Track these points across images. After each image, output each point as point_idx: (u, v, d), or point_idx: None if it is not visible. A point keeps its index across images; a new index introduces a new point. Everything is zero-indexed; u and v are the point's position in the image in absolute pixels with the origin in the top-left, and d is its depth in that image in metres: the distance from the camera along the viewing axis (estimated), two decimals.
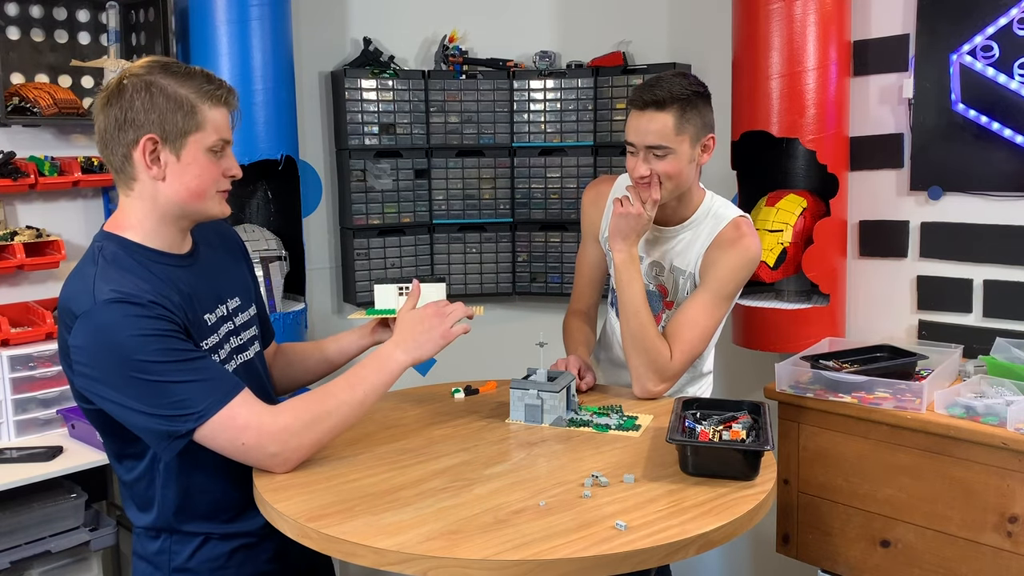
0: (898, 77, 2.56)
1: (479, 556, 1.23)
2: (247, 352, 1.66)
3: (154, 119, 1.44)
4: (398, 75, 3.02)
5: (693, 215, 2.03)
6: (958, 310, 2.49)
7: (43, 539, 2.25)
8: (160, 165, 1.46)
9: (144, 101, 1.44)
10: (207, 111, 1.47)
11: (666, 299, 2.09)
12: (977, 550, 2.05)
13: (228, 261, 1.70)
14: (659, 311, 2.09)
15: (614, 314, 2.16)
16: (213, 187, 1.51)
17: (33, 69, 2.50)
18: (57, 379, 2.39)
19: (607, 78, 3.03)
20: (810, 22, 2.45)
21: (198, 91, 1.47)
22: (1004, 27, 2.33)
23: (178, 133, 1.45)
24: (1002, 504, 2.00)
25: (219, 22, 2.55)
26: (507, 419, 1.81)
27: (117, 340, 1.38)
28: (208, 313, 1.56)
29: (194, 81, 1.47)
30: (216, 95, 1.48)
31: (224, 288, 1.64)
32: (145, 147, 1.45)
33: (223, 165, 1.51)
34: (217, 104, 1.48)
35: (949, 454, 2.07)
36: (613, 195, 2.12)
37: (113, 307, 1.38)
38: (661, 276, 2.08)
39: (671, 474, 1.52)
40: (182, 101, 1.45)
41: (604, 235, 2.12)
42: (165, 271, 1.50)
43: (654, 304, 2.06)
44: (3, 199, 2.46)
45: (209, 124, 1.47)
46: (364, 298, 3.06)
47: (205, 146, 1.48)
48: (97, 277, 1.43)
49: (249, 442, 1.44)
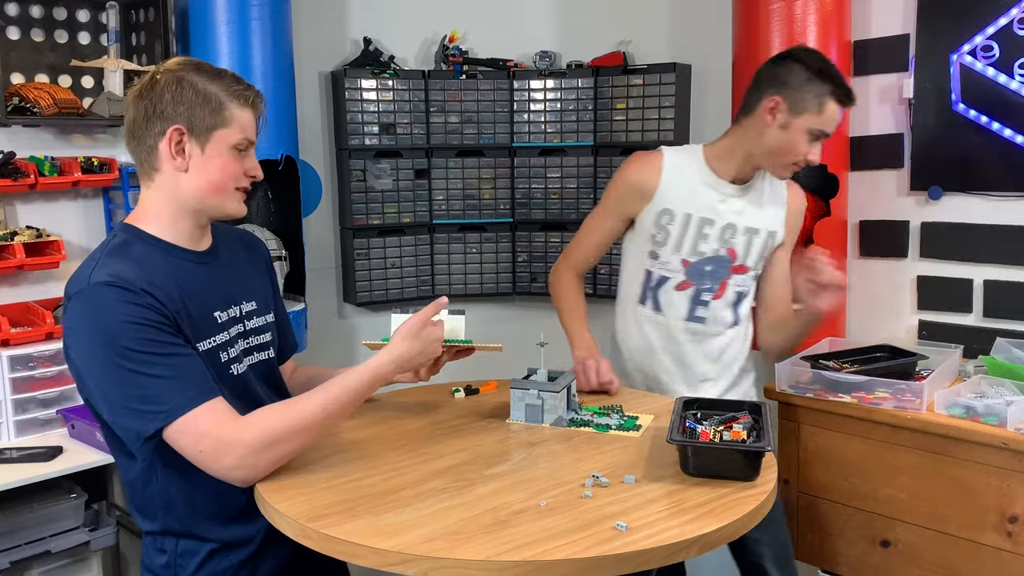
0: (898, 77, 2.56)
1: (480, 557, 1.23)
2: (258, 355, 1.66)
3: (182, 111, 1.48)
4: (398, 75, 3.02)
5: (756, 174, 2.07)
6: (958, 310, 2.49)
7: (43, 539, 2.25)
8: (184, 156, 1.50)
9: (174, 94, 1.48)
10: (234, 109, 1.51)
11: (734, 263, 2.07)
12: (977, 550, 2.05)
13: (248, 267, 1.70)
14: (724, 277, 2.07)
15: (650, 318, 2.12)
16: (233, 183, 1.54)
17: (33, 69, 2.50)
18: (57, 379, 2.39)
19: (607, 78, 3.03)
20: (810, 22, 2.45)
21: (227, 90, 1.51)
22: (1004, 27, 2.33)
23: (205, 127, 1.49)
24: (1002, 504, 2.00)
25: (219, 22, 2.55)
26: (507, 419, 1.81)
27: (103, 322, 1.39)
28: (219, 311, 1.56)
29: (224, 80, 1.52)
30: (244, 95, 1.53)
31: (240, 290, 1.64)
32: (171, 137, 1.48)
33: (246, 164, 1.55)
34: (244, 105, 1.52)
35: (949, 454, 2.07)
36: (668, 169, 2.05)
37: (105, 289, 1.40)
38: (733, 239, 2.05)
39: (672, 474, 1.52)
40: (211, 97, 1.49)
41: (657, 210, 2.05)
42: (175, 264, 1.51)
43: (720, 271, 2.06)
44: (3, 199, 2.46)
45: (235, 122, 1.51)
46: (363, 298, 3.06)
47: (230, 143, 1.51)
48: (100, 262, 1.46)
49: (207, 450, 1.41)
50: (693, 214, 2.04)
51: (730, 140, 2.05)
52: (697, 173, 2.05)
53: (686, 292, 2.08)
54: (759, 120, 1.96)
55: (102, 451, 2.23)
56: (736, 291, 2.09)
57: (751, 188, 2.07)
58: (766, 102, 1.95)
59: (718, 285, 2.07)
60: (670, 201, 2.04)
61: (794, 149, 1.95)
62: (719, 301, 2.08)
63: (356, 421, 1.77)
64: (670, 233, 2.05)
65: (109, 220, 2.65)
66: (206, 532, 1.55)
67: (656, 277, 2.09)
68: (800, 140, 1.94)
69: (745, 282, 2.10)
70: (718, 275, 2.06)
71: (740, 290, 2.09)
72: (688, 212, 2.04)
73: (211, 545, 1.55)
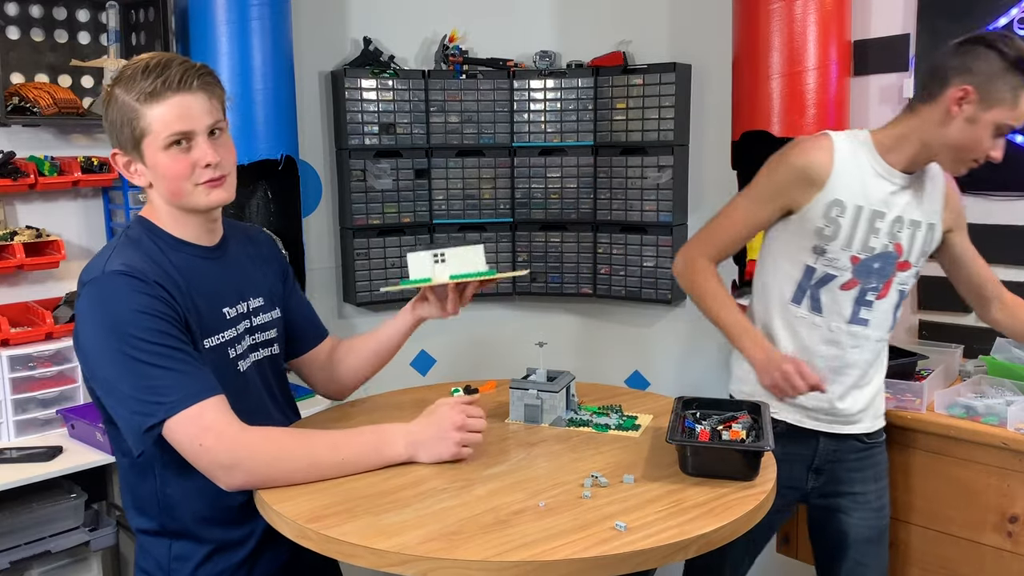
0: (898, 77, 2.56)
1: (479, 557, 1.23)
2: (263, 352, 1.67)
3: (115, 135, 1.47)
4: (398, 75, 3.01)
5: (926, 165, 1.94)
6: (958, 310, 2.49)
7: (43, 539, 2.24)
8: (139, 174, 1.49)
9: (109, 115, 1.47)
10: (148, 111, 1.43)
11: (900, 259, 1.93)
12: (977, 550, 2.05)
13: (256, 263, 1.70)
14: (890, 275, 1.93)
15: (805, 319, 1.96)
16: (187, 181, 1.47)
17: (33, 69, 2.50)
18: (57, 379, 2.39)
19: (607, 78, 3.03)
20: (810, 22, 2.45)
21: (139, 94, 1.43)
22: (1004, 27, 2.33)
23: (133, 143, 1.46)
24: (1002, 504, 2.00)
25: (219, 22, 2.55)
26: (507, 419, 1.81)
27: (115, 310, 1.40)
28: (228, 307, 1.58)
29: (137, 83, 1.43)
30: (151, 92, 1.42)
31: (247, 286, 1.64)
32: (118, 162, 1.50)
33: (192, 157, 1.46)
34: (155, 101, 1.42)
35: (949, 454, 2.07)
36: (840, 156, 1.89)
37: (118, 278, 1.41)
38: (900, 233, 1.91)
39: (671, 474, 1.52)
40: (127, 110, 1.44)
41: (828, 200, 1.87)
42: (185, 259, 1.53)
43: (887, 268, 1.92)
44: (3, 199, 2.46)
45: (155, 123, 1.43)
46: (363, 298, 3.06)
47: (158, 147, 1.45)
48: (114, 252, 1.47)
49: (207, 444, 1.40)
50: (864, 206, 1.88)
51: (903, 128, 1.88)
52: (868, 162, 1.90)
53: (851, 292, 1.93)
54: (941, 109, 1.80)
55: (102, 451, 2.23)
56: (899, 289, 1.96)
57: (915, 179, 1.93)
58: (953, 91, 1.78)
59: (883, 284, 1.93)
60: (841, 191, 1.88)
61: (979, 144, 1.80)
62: (883, 301, 1.95)
63: (356, 421, 1.77)
64: (841, 226, 1.88)
65: (109, 220, 2.65)
66: (203, 533, 1.54)
67: (819, 275, 1.93)
68: (986, 135, 1.79)
69: (907, 280, 1.97)
70: (885, 273, 1.92)
71: (903, 288, 1.97)
72: (859, 204, 1.88)
73: (208, 547, 1.54)
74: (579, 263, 3.15)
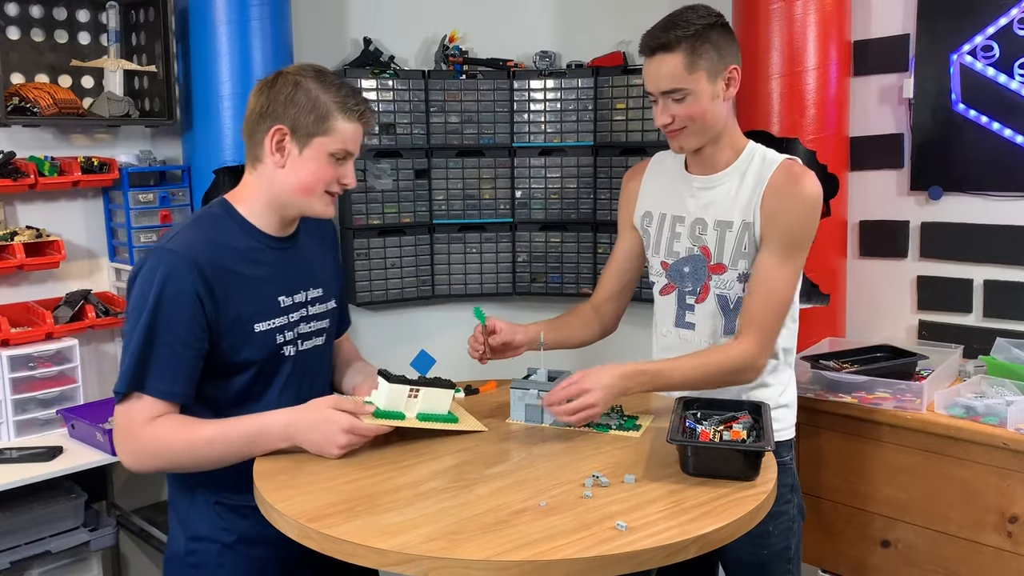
0: (898, 77, 2.57)
1: (480, 557, 1.23)
2: (312, 341, 1.74)
3: (291, 113, 1.59)
4: (398, 75, 3.02)
5: (736, 161, 1.84)
6: (958, 310, 2.49)
7: (43, 539, 2.25)
8: (284, 154, 1.61)
9: (288, 96, 1.59)
10: (340, 121, 1.60)
11: (711, 263, 1.86)
12: (977, 550, 2.06)
13: (320, 252, 1.80)
14: (704, 279, 1.87)
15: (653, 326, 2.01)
16: (322, 187, 1.63)
17: (33, 69, 2.50)
18: (57, 379, 2.39)
19: (607, 78, 3.03)
20: (810, 22, 2.45)
21: (338, 101, 1.60)
22: (1004, 27, 2.33)
23: (307, 131, 1.59)
24: (1002, 504, 2.00)
25: (219, 22, 2.55)
26: (507, 419, 1.81)
27: (155, 283, 1.51)
28: (283, 295, 1.67)
29: (338, 92, 1.61)
30: (352, 109, 1.61)
31: (310, 277, 1.74)
32: (274, 135, 1.60)
33: (340, 171, 1.64)
34: (351, 118, 1.61)
35: (949, 454, 2.07)
36: (651, 170, 2.00)
37: (168, 255, 1.53)
38: (704, 235, 1.86)
39: (672, 474, 1.52)
40: (319, 105, 1.59)
41: (640, 213, 1.98)
42: (251, 245, 1.64)
43: (699, 271, 1.87)
44: (3, 199, 2.46)
45: (338, 132, 1.60)
46: (363, 298, 3.06)
47: (328, 150, 1.60)
48: (185, 229, 1.60)
49: (115, 431, 1.57)
50: (667, 213, 1.93)
51: None
52: (672, 168, 1.95)
53: (670, 296, 1.94)
54: None
55: (102, 451, 2.23)
56: (717, 293, 1.86)
57: (729, 176, 1.85)
58: None
59: (700, 287, 1.89)
60: (649, 202, 1.98)
61: None
62: (703, 305, 1.89)
63: None
64: (650, 235, 1.96)
65: (109, 220, 2.65)
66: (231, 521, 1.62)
67: (651, 283, 2.00)
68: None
69: (726, 282, 1.86)
70: (698, 276, 1.89)
71: (721, 292, 1.86)
72: (663, 211, 1.94)
73: (234, 536, 1.63)
74: (579, 263, 3.15)
